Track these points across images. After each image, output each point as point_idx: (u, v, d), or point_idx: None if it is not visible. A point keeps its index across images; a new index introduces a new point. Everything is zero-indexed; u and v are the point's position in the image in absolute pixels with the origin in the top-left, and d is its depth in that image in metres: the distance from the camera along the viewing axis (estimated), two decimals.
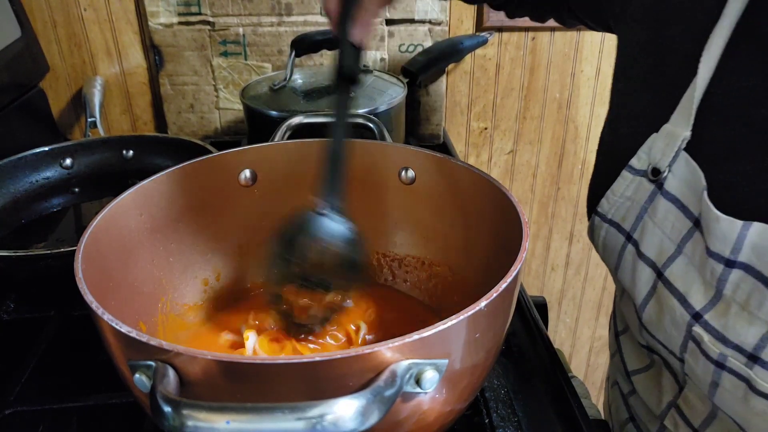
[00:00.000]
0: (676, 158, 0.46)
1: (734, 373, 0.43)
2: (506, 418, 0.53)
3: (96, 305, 0.38)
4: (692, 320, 0.45)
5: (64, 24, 1.07)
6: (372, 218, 0.65)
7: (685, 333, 0.46)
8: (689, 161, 0.45)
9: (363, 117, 0.77)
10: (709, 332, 0.44)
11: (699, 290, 0.45)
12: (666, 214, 0.47)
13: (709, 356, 0.44)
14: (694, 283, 0.45)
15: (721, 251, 0.42)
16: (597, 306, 1.48)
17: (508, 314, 0.45)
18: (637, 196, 0.49)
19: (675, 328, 0.46)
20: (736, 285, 0.42)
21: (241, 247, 0.64)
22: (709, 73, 0.43)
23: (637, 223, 0.49)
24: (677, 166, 0.46)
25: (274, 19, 1.04)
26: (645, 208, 0.49)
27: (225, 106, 1.11)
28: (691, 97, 0.44)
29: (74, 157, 0.90)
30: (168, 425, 0.31)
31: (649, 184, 0.48)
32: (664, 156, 0.46)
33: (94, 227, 0.48)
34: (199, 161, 0.59)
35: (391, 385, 0.33)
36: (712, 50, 0.43)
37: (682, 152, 0.45)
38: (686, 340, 0.46)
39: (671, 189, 0.46)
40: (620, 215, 0.51)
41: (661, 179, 0.47)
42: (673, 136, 0.46)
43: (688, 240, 0.45)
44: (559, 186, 1.32)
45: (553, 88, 1.21)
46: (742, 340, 0.42)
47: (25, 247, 0.75)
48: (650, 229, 0.48)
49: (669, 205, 0.47)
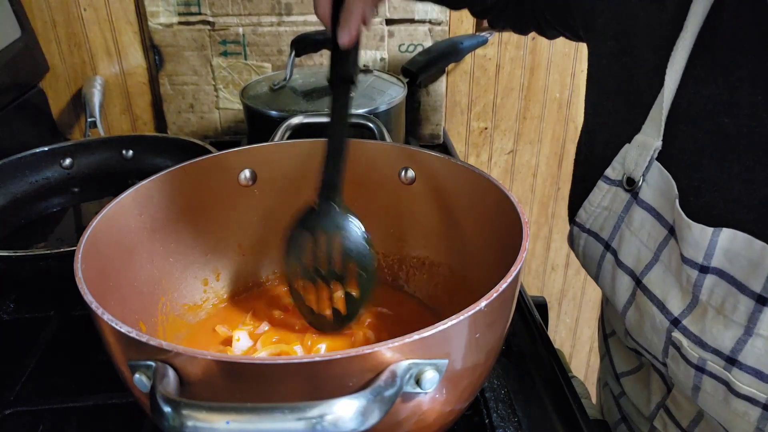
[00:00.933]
0: (649, 168, 0.47)
1: (714, 377, 0.43)
2: (506, 418, 0.53)
3: (96, 305, 0.38)
4: (671, 326, 0.45)
5: (64, 24, 1.07)
6: (372, 218, 0.65)
7: (665, 338, 0.46)
8: (662, 170, 0.46)
9: (363, 117, 0.77)
10: (688, 337, 0.44)
11: (677, 296, 0.45)
12: (642, 222, 0.48)
13: (690, 361, 0.44)
14: (671, 289, 0.46)
15: (695, 257, 0.43)
16: (597, 306, 1.48)
17: (508, 314, 0.45)
18: (613, 205, 0.50)
19: (655, 334, 0.47)
20: (711, 290, 0.43)
21: (241, 247, 0.64)
22: (674, 84, 0.44)
23: (614, 232, 0.50)
24: (651, 175, 0.47)
25: (274, 19, 1.04)
26: (622, 218, 0.49)
27: (225, 106, 1.11)
28: (660, 108, 0.45)
29: (74, 157, 0.90)
30: (168, 425, 0.31)
31: (624, 193, 0.49)
32: (638, 166, 0.47)
33: (94, 227, 0.48)
34: (199, 161, 0.59)
35: (391, 385, 0.33)
36: (676, 62, 0.44)
37: (654, 162, 0.46)
38: (667, 346, 0.46)
39: (646, 198, 0.47)
40: (598, 225, 0.52)
41: (636, 189, 0.48)
42: (646, 146, 0.47)
43: (664, 247, 0.46)
44: (559, 186, 1.32)
45: (553, 88, 1.21)
46: (720, 344, 0.43)
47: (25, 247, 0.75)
48: (627, 237, 0.49)
49: (644, 213, 0.47)
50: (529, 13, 0.67)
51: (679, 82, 0.44)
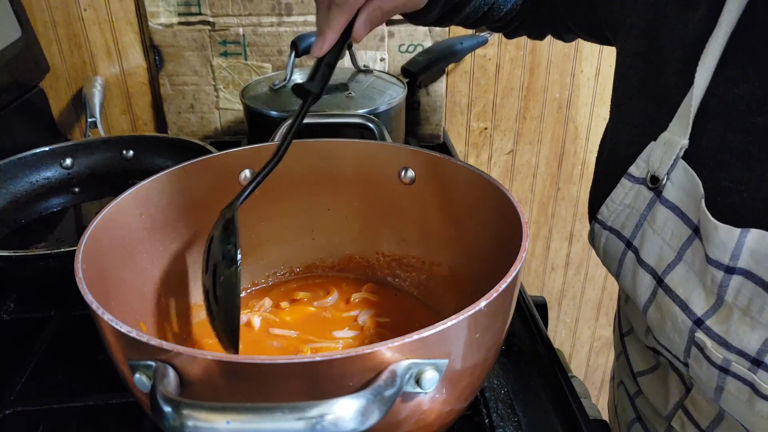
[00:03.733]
0: (675, 166, 0.46)
1: (738, 378, 0.43)
2: (506, 418, 0.53)
3: (96, 305, 0.38)
4: (694, 326, 0.45)
5: (64, 24, 1.07)
6: (372, 218, 0.65)
7: (687, 338, 0.46)
8: (687, 169, 0.45)
9: (363, 117, 0.77)
10: (712, 338, 0.44)
11: (700, 296, 0.45)
12: (665, 221, 0.47)
13: (713, 361, 0.44)
14: (694, 289, 0.45)
15: (721, 258, 0.42)
16: (597, 306, 1.48)
17: (508, 314, 0.45)
18: (636, 203, 0.50)
19: (677, 333, 0.46)
20: (737, 291, 0.42)
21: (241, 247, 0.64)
22: (705, 82, 0.44)
23: (636, 230, 0.50)
24: (675, 174, 0.46)
25: (274, 19, 1.04)
26: (644, 216, 0.49)
27: (225, 106, 1.11)
28: (688, 106, 0.45)
29: (74, 157, 0.90)
30: (168, 425, 0.31)
31: (648, 191, 0.48)
32: (663, 164, 0.47)
33: (94, 227, 0.48)
34: (199, 161, 0.59)
35: (391, 385, 0.33)
36: (708, 61, 0.43)
37: (680, 160, 0.46)
38: (689, 346, 0.46)
39: (670, 197, 0.47)
40: (620, 222, 0.51)
41: (660, 187, 0.47)
42: (671, 144, 0.46)
43: (687, 247, 0.46)
44: (559, 186, 1.32)
45: (553, 88, 1.21)
46: (745, 345, 0.42)
47: (25, 247, 0.75)
48: (650, 236, 0.48)
49: (668, 212, 0.47)
50: (548, 21, 0.67)
51: (709, 81, 0.44)
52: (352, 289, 0.65)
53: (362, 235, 0.66)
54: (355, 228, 0.66)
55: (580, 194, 1.33)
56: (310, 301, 0.63)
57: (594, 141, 1.27)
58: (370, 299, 0.63)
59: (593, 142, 1.27)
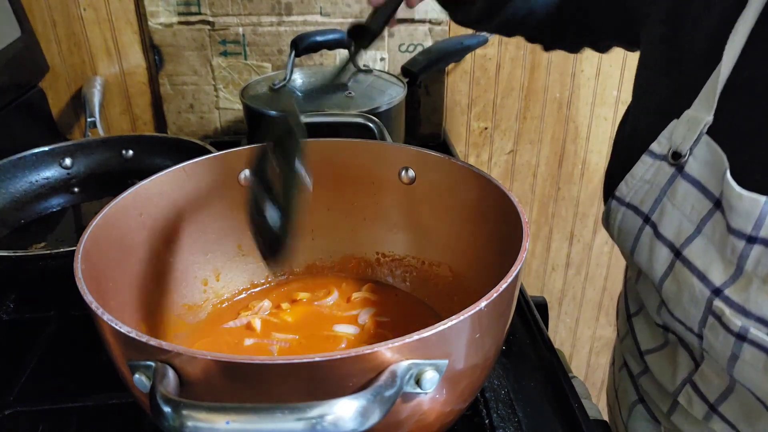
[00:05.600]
0: (698, 141, 0.48)
1: (755, 345, 0.44)
2: (506, 418, 0.53)
3: (96, 305, 0.38)
4: (712, 295, 0.46)
5: (64, 24, 1.07)
6: (372, 218, 0.65)
7: (704, 308, 0.47)
8: (711, 143, 0.47)
9: (363, 117, 0.77)
10: (731, 306, 0.45)
11: (718, 268, 0.46)
12: (685, 195, 0.49)
13: (730, 329, 0.45)
14: (713, 261, 0.47)
15: (743, 228, 0.44)
16: (597, 306, 1.48)
17: (508, 314, 0.45)
18: (656, 179, 0.51)
19: (694, 304, 0.48)
20: (757, 261, 0.44)
21: (241, 247, 0.64)
22: (732, 61, 0.45)
23: (655, 205, 0.51)
24: (698, 149, 0.48)
25: (274, 19, 1.04)
26: (664, 191, 0.50)
27: (225, 106, 1.11)
28: (715, 84, 0.46)
29: (74, 157, 0.90)
30: (168, 425, 0.31)
31: (669, 167, 0.50)
32: (686, 140, 0.48)
33: (94, 227, 0.48)
34: (199, 161, 0.59)
35: (391, 386, 0.33)
36: (737, 39, 0.45)
37: (704, 136, 0.47)
38: (705, 315, 0.47)
39: (692, 171, 0.48)
40: (638, 198, 0.53)
41: (682, 162, 0.49)
42: (695, 121, 0.48)
43: (707, 220, 0.47)
44: (560, 186, 1.32)
45: (553, 88, 1.21)
46: (765, 313, 0.44)
47: (25, 247, 0.75)
48: (669, 210, 0.50)
49: (689, 186, 0.48)
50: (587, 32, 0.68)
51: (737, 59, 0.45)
52: (352, 289, 0.65)
53: (362, 235, 0.66)
54: (355, 228, 0.66)
55: (581, 194, 1.33)
56: (310, 302, 0.63)
57: (594, 141, 1.27)
58: (370, 298, 0.63)
59: (593, 142, 1.27)
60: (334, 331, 0.59)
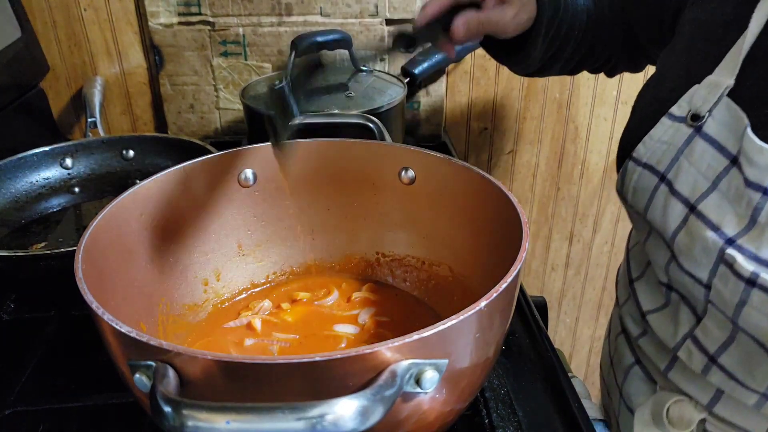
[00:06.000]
0: (718, 103, 0.51)
1: (764, 289, 0.47)
2: (506, 418, 0.53)
3: (96, 305, 0.38)
4: (725, 245, 0.49)
5: (64, 24, 1.07)
6: (372, 218, 0.65)
7: (716, 258, 0.50)
8: (731, 105, 0.50)
9: (363, 117, 0.77)
10: (743, 253, 0.48)
11: (732, 220, 0.49)
12: (702, 154, 0.52)
13: (741, 275, 0.48)
14: (727, 214, 0.50)
15: (760, 180, 0.47)
16: (597, 306, 1.48)
17: (508, 314, 0.45)
18: (674, 140, 0.54)
19: (705, 254, 0.51)
20: None
21: (241, 247, 0.64)
22: (759, 28, 0.50)
23: (672, 164, 0.54)
24: (718, 110, 0.51)
25: (274, 19, 1.04)
26: (681, 150, 0.53)
27: (225, 106, 1.11)
28: (739, 50, 0.50)
29: (74, 157, 0.90)
30: (168, 425, 0.31)
31: (687, 128, 0.53)
32: (706, 102, 0.52)
33: (94, 227, 0.48)
34: (199, 161, 0.59)
35: (391, 385, 0.33)
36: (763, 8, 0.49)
37: (724, 98, 0.51)
38: (716, 265, 0.50)
39: (710, 131, 0.52)
40: (656, 158, 0.55)
41: (700, 123, 0.52)
42: (716, 85, 0.51)
43: (723, 177, 0.51)
44: (559, 186, 1.32)
45: (552, 88, 1.21)
46: None
47: (25, 247, 0.75)
48: (685, 168, 0.53)
49: (706, 146, 0.52)
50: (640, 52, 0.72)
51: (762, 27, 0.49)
52: (352, 289, 0.65)
53: (362, 235, 0.66)
54: (355, 228, 0.66)
55: (580, 194, 1.33)
56: (310, 301, 0.63)
57: (594, 141, 1.27)
58: (370, 298, 0.63)
59: (593, 142, 1.27)
60: (334, 331, 0.59)
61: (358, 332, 0.59)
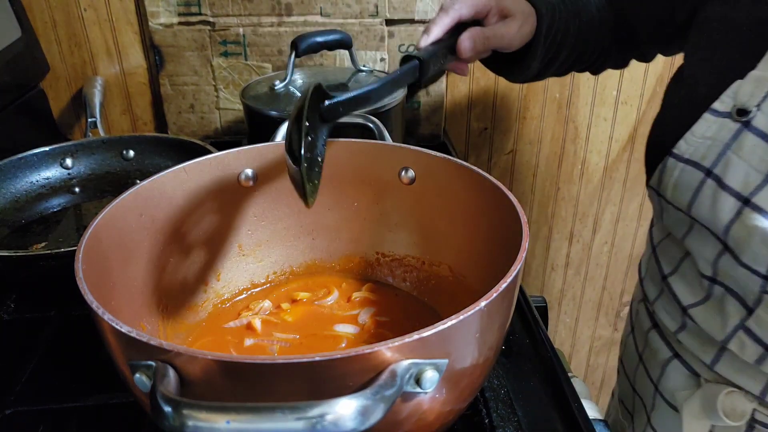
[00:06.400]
0: (766, 98, 0.51)
1: None
2: (506, 418, 0.53)
3: (96, 305, 0.38)
4: None
5: (64, 24, 1.07)
6: (372, 218, 0.65)
7: None
8: None
9: (363, 117, 0.77)
10: None
11: None
12: (753, 148, 0.52)
13: None
14: None
15: None
16: (597, 306, 1.48)
17: (508, 314, 0.45)
18: (719, 135, 0.54)
19: (765, 245, 0.51)
20: None
21: (241, 247, 0.64)
22: None
23: (719, 159, 0.54)
24: (767, 104, 0.51)
25: (274, 19, 1.04)
26: (729, 145, 0.53)
27: (225, 106, 1.11)
28: None
29: (74, 157, 0.90)
30: (168, 425, 0.31)
31: (733, 123, 0.53)
32: (753, 97, 0.52)
33: (94, 227, 0.48)
34: (199, 161, 0.59)
35: (391, 385, 0.33)
36: None
37: None
38: None
39: (760, 125, 0.51)
40: (699, 154, 0.55)
41: (749, 118, 0.52)
42: (762, 80, 0.52)
43: None
44: (559, 186, 1.32)
45: (552, 88, 1.21)
46: None
47: (25, 247, 0.75)
48: (735, 163, 0.53)
49: (757, 140, 0.52)
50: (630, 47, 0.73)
51: None
52: (352, 289, 0.65)
53: (362, 235, 0.66)
54: (355, 228, 0.66)
55: (580, 194, 1.33)
56: (310, 301, 0.63)
57: (594, 141, 1.27)
58: (370, 298, 0.63)
59: (593, 142, 1.27)
60: (334, 331, 0.59)
61: (358, 332, 0.59)
